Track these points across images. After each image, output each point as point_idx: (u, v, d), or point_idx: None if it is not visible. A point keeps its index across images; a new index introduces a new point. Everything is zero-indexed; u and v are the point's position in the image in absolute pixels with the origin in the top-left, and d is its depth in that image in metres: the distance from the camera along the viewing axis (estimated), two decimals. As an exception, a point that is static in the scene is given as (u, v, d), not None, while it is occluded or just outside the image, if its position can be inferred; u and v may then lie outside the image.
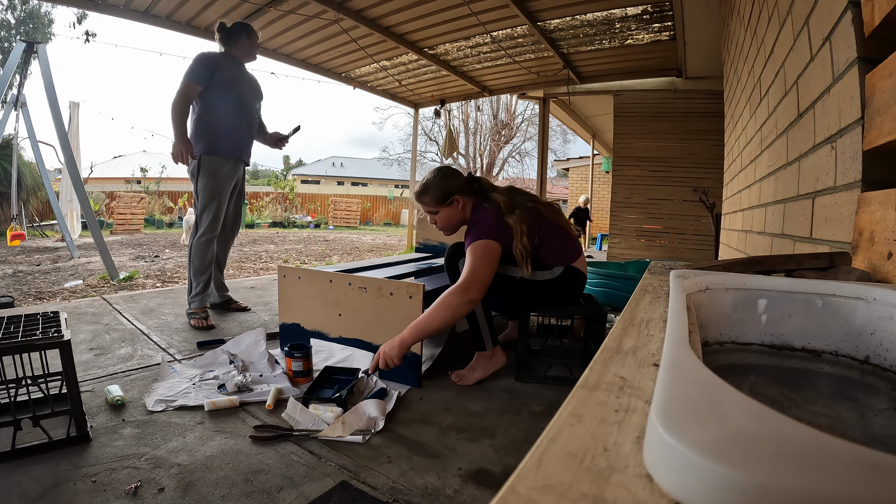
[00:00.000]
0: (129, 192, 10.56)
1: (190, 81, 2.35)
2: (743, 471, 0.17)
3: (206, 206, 2.46)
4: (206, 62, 2.39)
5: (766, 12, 1.43)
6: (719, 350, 0.52)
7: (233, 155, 2.50)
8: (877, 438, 0.39)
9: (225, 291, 2.83)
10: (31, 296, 3.45)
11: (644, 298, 0.65)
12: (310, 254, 6.76)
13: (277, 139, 2.82)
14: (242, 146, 2.56)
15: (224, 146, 2.46)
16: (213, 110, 2.42)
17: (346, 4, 3.43)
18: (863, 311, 0.48)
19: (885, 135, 0.61)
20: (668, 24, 3.53)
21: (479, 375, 1.75)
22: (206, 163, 2.43)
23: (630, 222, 5.02)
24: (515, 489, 0.21)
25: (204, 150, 2.42)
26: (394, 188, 23.59)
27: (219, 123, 2.43)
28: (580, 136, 9.26)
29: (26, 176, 7.81)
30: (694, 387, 0.25)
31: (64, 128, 4.45)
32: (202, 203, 2.47)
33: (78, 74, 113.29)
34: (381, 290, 1.75)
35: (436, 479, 1.14)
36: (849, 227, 0.73)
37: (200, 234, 2.48)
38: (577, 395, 0.31)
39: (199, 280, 2.48)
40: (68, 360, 1.23)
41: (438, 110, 6.30)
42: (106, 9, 3.26)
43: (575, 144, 27.72)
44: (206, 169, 2.43)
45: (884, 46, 0.64)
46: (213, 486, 1.09)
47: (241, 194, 2.72)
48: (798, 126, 1.06)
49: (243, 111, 2.52)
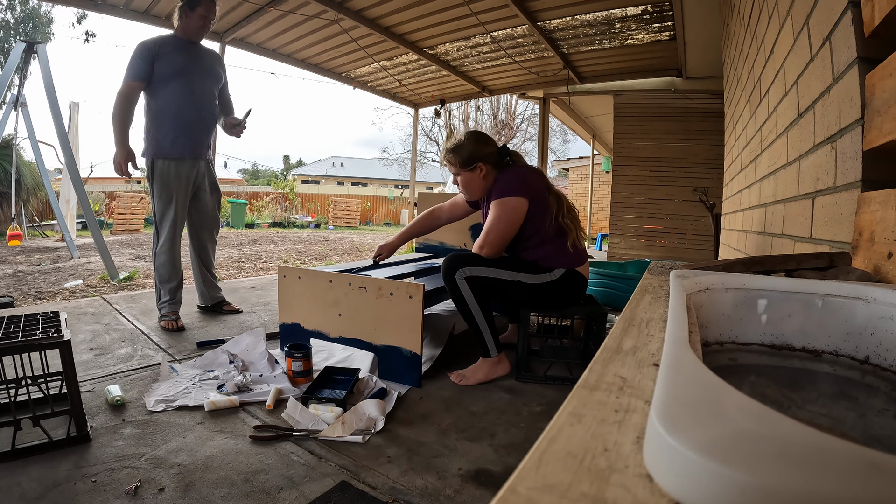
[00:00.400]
0: (129, 192, 10.55)
1: (129, 79, 2.11)
2: (743, 471, 0.17)
3: (164, 213, 2.27)
4: (143, 52, 2.12)
5: (766, 12, 1.43)
6: (719, 350, 0.52)
7: (186, 154, 2.27)
8: (877, 438, 0.39)
9: (217, 292, 2.68)
10: (31, 296, 3.45)
11: (644, 298, 0.65)
12: (310, 254, 6.76)
13: (233, 125, 2.49)
14: (197, 142, 2.31)
15: (174, 146, 2.23)
16: (160, 106, 2.19)
17: (346, 4, 3.43)
18: (863, 311, 0.48)
19: (885, 135, 0.61)
20: (668, 23, 3.54)
21: (480, 378, 1.74)
22: (157, 167, 2.22)
23: (630, 222, 5.02)
24: (515, 489, 0.21)
25: (153, 154, 2.22)
26: (394, 188, 23.60)
27: (166, 121, 2.20)
28: (580, 136, 9.26)
29: (26, 176, 7.80)
30: (694, 387, 0.25)
31: (64, 128, 4.45)
32: (159, 211, 2.28)
33: (78, 74, 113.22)
34: (381, 290, 1.75)
35: (436, 479, 1.14)
36: (849, 227, 0.73)
37: (162, 243, 2.30)
38: (577, 395, 0.31)
39: (167, 288, 2.34)
40: (68, 360, 1.23)
41: (438, 110, 6.30)
42: (106, 9, 3.26)
43: (575, 144, 27.74)
44: (157, 174, 2.22)
45: (884, 46, 0.64)
46: (213, 486, 1.09)
47: (213, 188, 2.48)
48: (798, 126, 1.06)
49: (195, 102, 2.25)
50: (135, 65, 2.12)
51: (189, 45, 2.27)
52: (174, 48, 2.20)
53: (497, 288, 1.72)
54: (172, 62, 2.18)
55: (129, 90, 2.13)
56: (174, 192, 2.27)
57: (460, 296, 1.70)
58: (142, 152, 2.27)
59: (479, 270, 1.70)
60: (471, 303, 1.70)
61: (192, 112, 2.26)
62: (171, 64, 2.18)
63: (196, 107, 2.27)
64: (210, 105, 2.35)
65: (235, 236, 8.86)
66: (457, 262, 1.70)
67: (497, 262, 1.73)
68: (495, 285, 1.71)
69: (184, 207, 2.34)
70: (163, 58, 2.16)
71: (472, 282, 1.69)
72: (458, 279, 1.69)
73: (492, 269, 1.71)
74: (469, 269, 1.69)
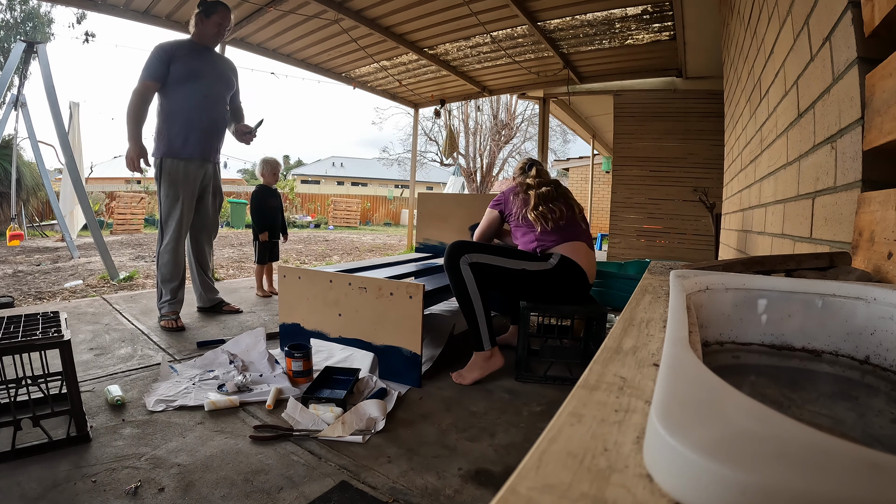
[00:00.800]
0: (129, 192, 10.55)
1: (145, 79, 2.18)
2: (743, 471, 0.17)
3: (170, 212, 2.31)
4: (159, 54, 2.19)
5: (766, 12, 1.43)
6: (719, 350, 0.52)
7: (196, 156, 2.32)
8: (877, 438, 0.39)
9: (214, 294, 2.70)
10: (31, 296, 3.45)
11: (644, 298, 0.65)
12: (310, 254, 6.76)
13: (244, 132, 2.56)
14: (207, 145, 2.37)
15: (184, 147, 2.28)
16: (173, 107, 2.25)
17: (346, 4, 3.43)
18: (863, 311, 0.48)
19: (885, 135, 0.61)
20: (668, 24, 3.53)
21: (476, 375, 1.75)
22: (166, 166, 2.27)
23: (630, 222, 5.02)
24: (515, 489, 0.20)
25: (163, 153, 2.26)
26: (394, 188, 23.59)
27: (178, 122, 2.25)
28: (580, 136, 9.26)
29: (26, 176, 7.80)
30: (694, 387, 0.25)
31: (64, 128, 4.45)
32: (165, 210, 2.32)
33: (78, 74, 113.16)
34: (381, 290, 1.75)
35: (436, 479, 1.14)
36: (849, 227, 0.73)
37: (167, 243, 2.33)
38: (577, 395, 0.31)
39: (168, 287, 2.36)
40: (68, 360, 1.23)
41: (438, 110, 6.30)
42: (106, 9, 3.25)
43: (575, 144, 27.73)
44: (166, 173, 2.27)
45: (884, 46, 0.64)
46: (213, 486, 1.09)
47: (216, 192, 2.54)
48: (798, 126, 1.06)
49: (207, 105, 2.31)
50: (151, 65, 2.19)
51: (204, 50, 2.34)
52: (189, 52, 2.27)
53: (498, 276, 1.76)
54: (187, 65, 2.25)
55: (145, 89, 2.19)
56: (181, 191, 2.31)
57: (462, 282, 1.73)
58: (152, 151, 2.31)
59: (483, 257, 1.75)
60: (472, 290, 1.73)
61: (204, 115, 2.31)
62: (185, 67, 2.24)
63: (208, 110, 2.32)
64: (221, 110, 2.41)
65: (235, 236, 8.86)
66: (461, 248, 1.75)
67: (498, 251, 1.79)
68: (496, 273, 1.76)
69: (190, 208, 2.37)
70: (178, 61, 2.23)
71: (476, 268, 1.73)
72: (461, 264, 1.73)
73: (494, 257, 1.77)
74: (473, 255, 1.74)
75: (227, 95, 2.45)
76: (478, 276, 1.73)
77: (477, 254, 1.75)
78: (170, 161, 2.27)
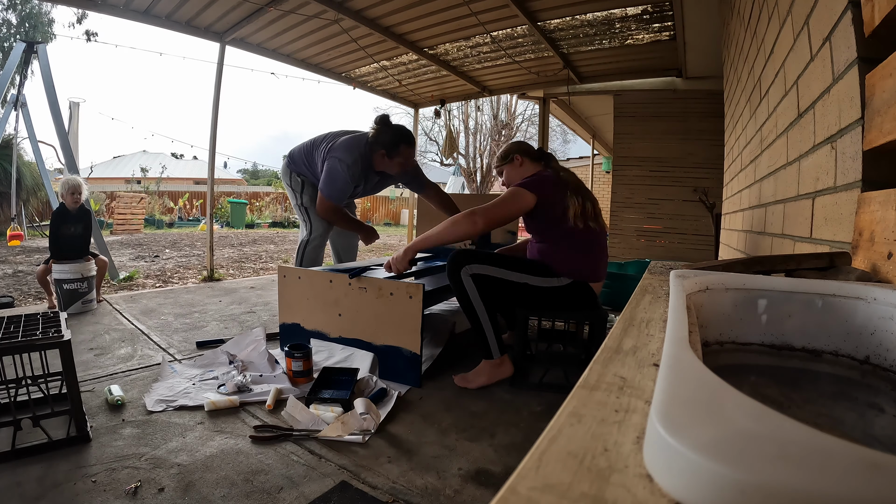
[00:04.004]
0: (129, 192, 10.54)
1: (327, 198, 2.21)
2: (743, 471, 0.17)
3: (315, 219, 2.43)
4: (348, 177, 2.20)
5: (766, 12, 1.43)
6: (719, 350, 0.52)
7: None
8: (877, 438, 0.39)
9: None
10: (31, 296, 3.45)
11: (644, 298, 0.65)
12: (310, 254, 6.75)
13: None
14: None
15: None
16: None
17: (346, 4, 3.43)
18: (863, 311, 0.48)
19: (885, 135, 0.61)
20: (668, 24, 3.53)
21: (483, 381, 1.72)
22: (307, 188, 2.42)
23: (630, 222, 5.02)
24: (515, 489, 0.21)
25: (313, 181, 2.39)
26: (394, 188, 23.56)
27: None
28: (580, 136, 9.25)
29: (26, 176, 7.80)
30: (694, 387, 0.25)
31: (64, 128, 4.45)
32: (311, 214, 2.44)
33: (78, 74, 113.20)
34: (381, 290, 1.74)
35: (436, 479, 1.14)
36: (849, 227, 0.73)
37: (313, 238, 2.43)
38: (577, 394, 0.31)
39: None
40: (68, 360, 1.23)
41: (438, 110, 6.30)
42: (106, 9, 3.25)
43: (575, 144, 27.65)
44: (311, 188, 2.40)
45: (884, 46, 0.64)
46: (213, 486, 1.09)
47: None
48: (798, 126, 1.06)
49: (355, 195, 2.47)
50: (339, 188, 2.21)
51: (377, 172, 2.38)
52: (362, 173, 2.29)
53: (502, 289, 1.69)
54: (357, 182, 2.30)
55: (331, 209, 2.24)
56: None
57: (465, 293, 1.67)
58: (298, 171, 2.41)
59: (486, 269, 1.67)
60: (475, 301, 1.67)
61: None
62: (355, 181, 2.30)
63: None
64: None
65: (235, 236, 8.86)
66: (463, 259, 1.67)
67: (502, 261, 1.71)
68: (500, 286, 1.69)
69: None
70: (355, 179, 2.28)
71: (478, 279, 1.66)
72: (463, 275, 1.66)
73: (498, 270, 1.68)
74: (474, 266, 1.67)
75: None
76: (480, 287, 1.67)
77: (478, 265, 1.67)
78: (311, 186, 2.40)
